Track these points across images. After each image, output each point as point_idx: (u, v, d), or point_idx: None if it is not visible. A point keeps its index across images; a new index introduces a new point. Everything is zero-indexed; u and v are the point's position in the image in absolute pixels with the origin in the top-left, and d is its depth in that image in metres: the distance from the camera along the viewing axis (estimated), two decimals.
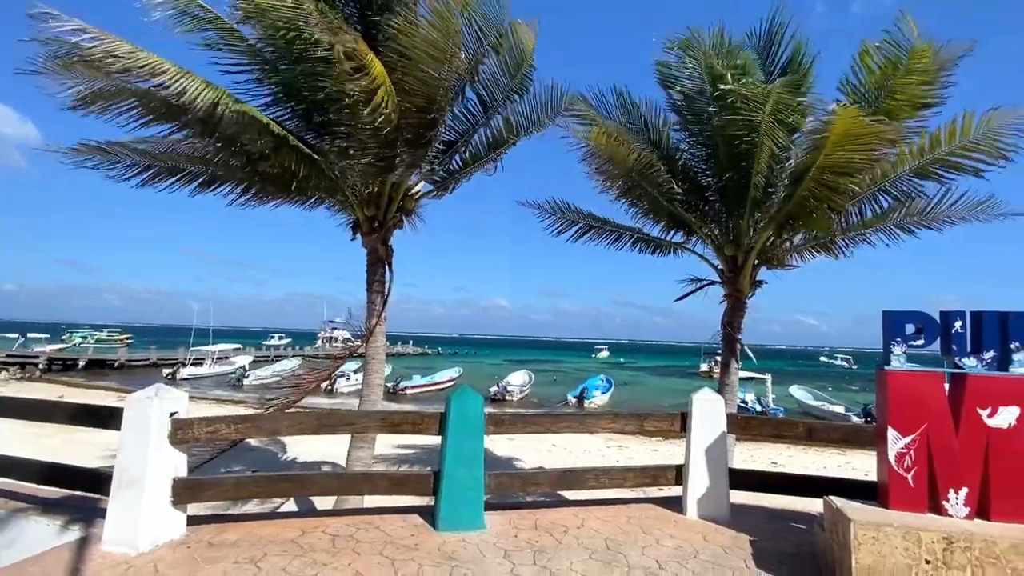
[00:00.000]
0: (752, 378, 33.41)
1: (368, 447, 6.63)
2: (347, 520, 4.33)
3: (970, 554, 2.98)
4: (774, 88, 5.55)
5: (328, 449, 12.28)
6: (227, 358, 47.98)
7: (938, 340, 3.51)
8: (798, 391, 33.71)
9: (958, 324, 3.47)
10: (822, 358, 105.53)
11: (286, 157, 5.75)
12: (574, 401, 31.59)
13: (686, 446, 4.87)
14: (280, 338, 75.82)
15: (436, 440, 4.37)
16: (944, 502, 3.32)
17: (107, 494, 3.73)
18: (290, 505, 7.96)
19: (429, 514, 4.37)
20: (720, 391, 7.06)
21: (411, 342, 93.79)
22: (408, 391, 34.51)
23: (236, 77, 6.08)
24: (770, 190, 6.68)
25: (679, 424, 4.97)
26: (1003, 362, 3.37)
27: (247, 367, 42.20)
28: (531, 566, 3.55)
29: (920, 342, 3.53)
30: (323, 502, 7.39)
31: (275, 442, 14.68)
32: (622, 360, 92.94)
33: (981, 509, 3.29)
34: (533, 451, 14.68)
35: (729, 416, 4.98)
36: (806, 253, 7.86)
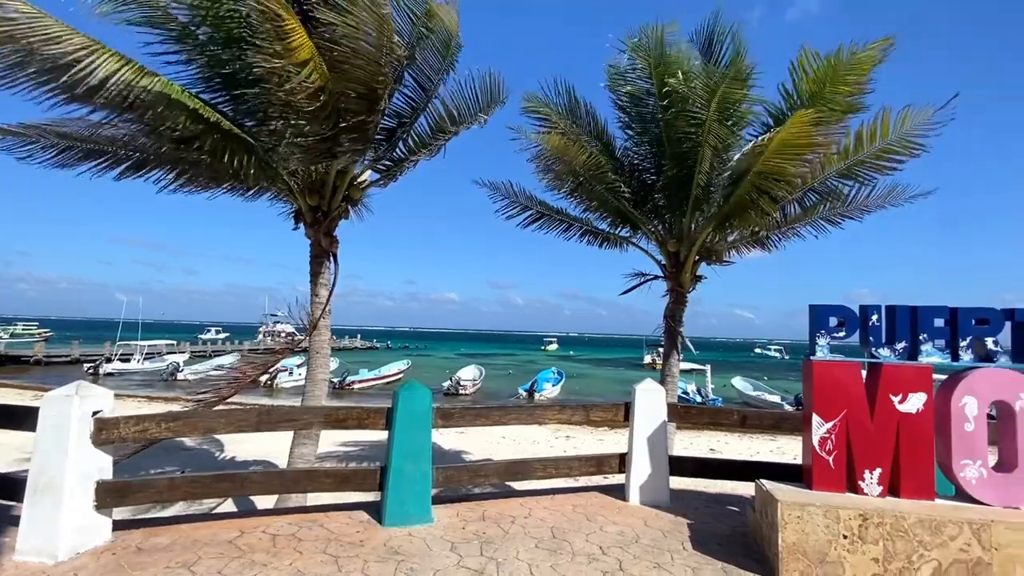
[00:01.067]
0: (693, 369, 34.85)
1: (312, 444, 6.46)
2: (289, 519, 4.21)
3: (882, 529, 3.24)
4: (720, 83, 5.76)
5: (269, 447, 11.87)
6: (159, 353, 45.41)
7: (857, 332, 3.78)
8: (739, 382, 35.42)
9: (875, 317, 3.75)
10: (756, 349, 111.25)
11: (219, 141, 5.47)
12: (524, 395, 31.92)
13: (629, 435, 5.03)
14: (217, 332, 72.42)
15: (383, 435, 4.32)
16: (860, 482, 3.59)
17: (20, 500, 3.45)
18: (228, 506, 7.64)
19: (375, 510, 4.31)
20: (662, 381, 7.33)
21: (359, 336, 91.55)
22: (355, 386, 33.82)
23: (165, 60, 5.74)
24: (711, 189, 6.97)
25: (623, 414, 5.13)
26: (913, 352, 3.67)
27: (181, 363, 40.01)
28: (478, 557, 3.58)
29: (842, 334, 3.79)
30: (264, 502, 7.15)
31: (212, 440, 14.04)
32: (571, 352, 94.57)
33: (892, 487, 3.57)
34: (483, 443, 14.73)
35: (670, 405, 5.17)
36: (742, 248, 8.26)
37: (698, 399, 28.55)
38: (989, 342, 3.65)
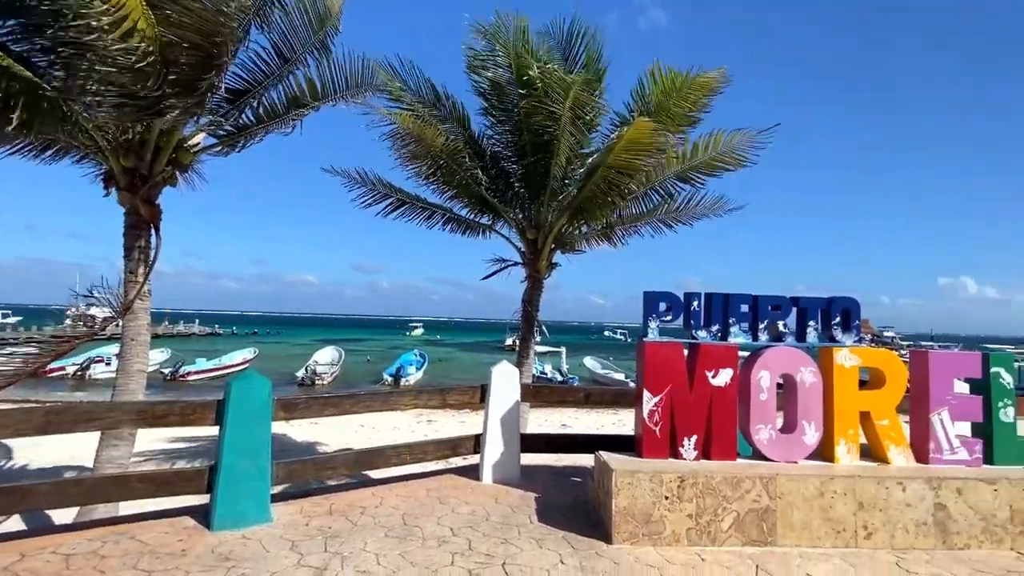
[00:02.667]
0: (550, 351, 37.00)
1: (125, 445, 5.57)
2: (91, 534, 3.60)
3: (696, 488, 3.69)
4: (574, 83, 6.04)
5: (78, 450, 10.11)
6: None
7: (682, 316, 4.25)
8: (590, 361, 38.35)
9: (695, 303, 4.25)
10: (606, 332, 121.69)
11: None
12: (390, 380, 31.24)
13: (484, 416, 5.14)
14: (5, 315, 59.71)
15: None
16: (681, 448, 4.06)
17: None
18: (13, 524, 6.35)
19: (204, 514, 3.87)
20: (519, 363, 7.60)
21: (196, 321, 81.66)
22: (191, 377, 30.21)
23: None
24: (566, 181, 7.33)
25: (479, 396, 5.22)
26: (724, 333, 4.23)
27: None
28: (321, 554, 3.38)
29: (669, 318, 4.24)
30: (63, 516, 6.06)
31: None
32: (438, 336, 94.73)
33: (705, 451, 4.09)
34: (340, 433, 14.07)
35: (524, 386, 5.38)
36: (592, 241, 8.87)
37: (558, 378, 30.40)
38: (780, 325, 4.34)
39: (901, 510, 3.69)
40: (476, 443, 5.17)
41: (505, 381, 5.15)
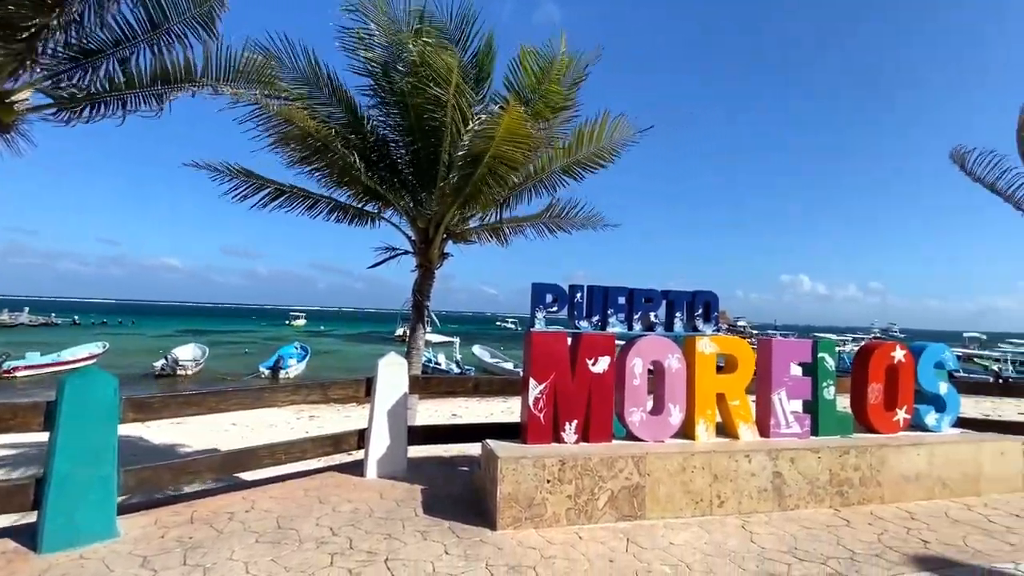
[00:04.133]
0: (444, 342, 36.88)
1: None
2: None
3: (575, 470, 3.88)
4: (454, 67, 5.96)
5: None
6: None
7: (567, 307, 4.44)
8: (478, 350, 38.81)
9: (579, 295, 4.48)
10: (497, 322, 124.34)
11: None
12: (268, 372, 29.19)
13: (370, 410, 4.98)
14: None
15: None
16: (563, 432, 4.25)
17: None
18: None
19: (31, 534, 3.33)
20: (408, 354, 7.44)
21: (26, 309, 69.75)
22: (19, 372, 25.84)
23: None
24: (451, 172, 7.23)
25: (364, 389, 5.05)
26: (603, 323, 4.49)
27: None
28: (179, 568, 3.06)
29: (556, 309, 4.42)
30: None
31: None
32: (322, 327, 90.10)
33: (584, 435, 4.32)
34: (208, 434, 12.82)
35: (412, 378, 5.28)
36: (483, 236, 8.91)
37: (455, 369, 30.33)
38: (652, 315, 4.69)
39: (747, 479, 4.19)
40: (360, 438, 4.99)
41: (392, 373, 5.03)
